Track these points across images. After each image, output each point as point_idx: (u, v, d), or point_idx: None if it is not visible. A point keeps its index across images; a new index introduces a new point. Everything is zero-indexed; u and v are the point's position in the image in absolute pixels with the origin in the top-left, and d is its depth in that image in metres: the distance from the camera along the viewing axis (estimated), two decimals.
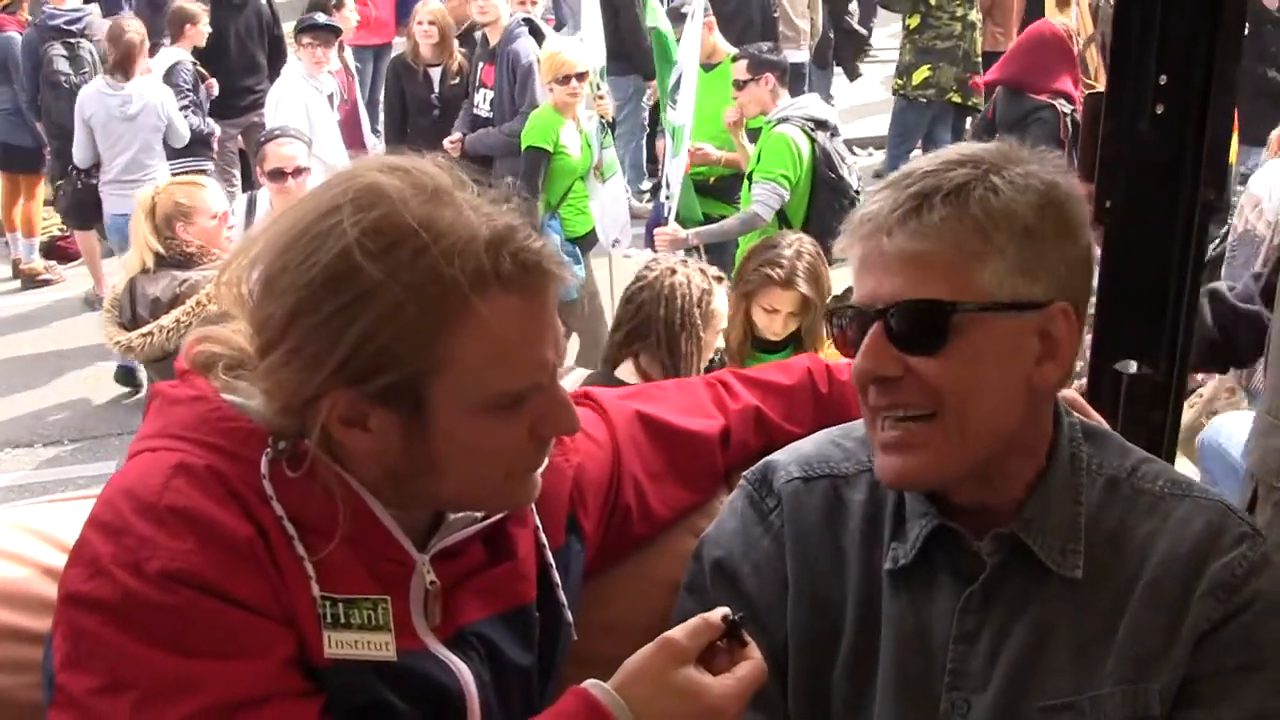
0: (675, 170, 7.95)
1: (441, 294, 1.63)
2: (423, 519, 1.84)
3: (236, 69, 10.64)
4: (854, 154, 13.15)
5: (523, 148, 8.02)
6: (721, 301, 4.88)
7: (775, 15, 10.77)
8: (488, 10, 9.15)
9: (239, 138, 10.93)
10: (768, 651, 1.79)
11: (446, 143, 9.03)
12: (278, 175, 6.87)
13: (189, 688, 1.60)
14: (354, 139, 9.87)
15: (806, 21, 11.80)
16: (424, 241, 1.62)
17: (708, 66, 8.62)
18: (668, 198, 7.96)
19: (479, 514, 1.87)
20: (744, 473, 2.08)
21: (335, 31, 9.21)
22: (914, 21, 11.14)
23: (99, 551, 1.64)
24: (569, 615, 1.96)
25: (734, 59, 8.19)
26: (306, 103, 8.74)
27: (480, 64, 9.33)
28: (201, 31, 10.22)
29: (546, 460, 1.84)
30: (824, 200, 7.61)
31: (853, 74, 13.25)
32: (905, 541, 1.91)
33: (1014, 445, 1.85)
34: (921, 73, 11.16)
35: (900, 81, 11.44)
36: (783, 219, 7.51)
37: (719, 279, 4.95)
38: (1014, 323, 1.77)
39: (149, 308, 5.75)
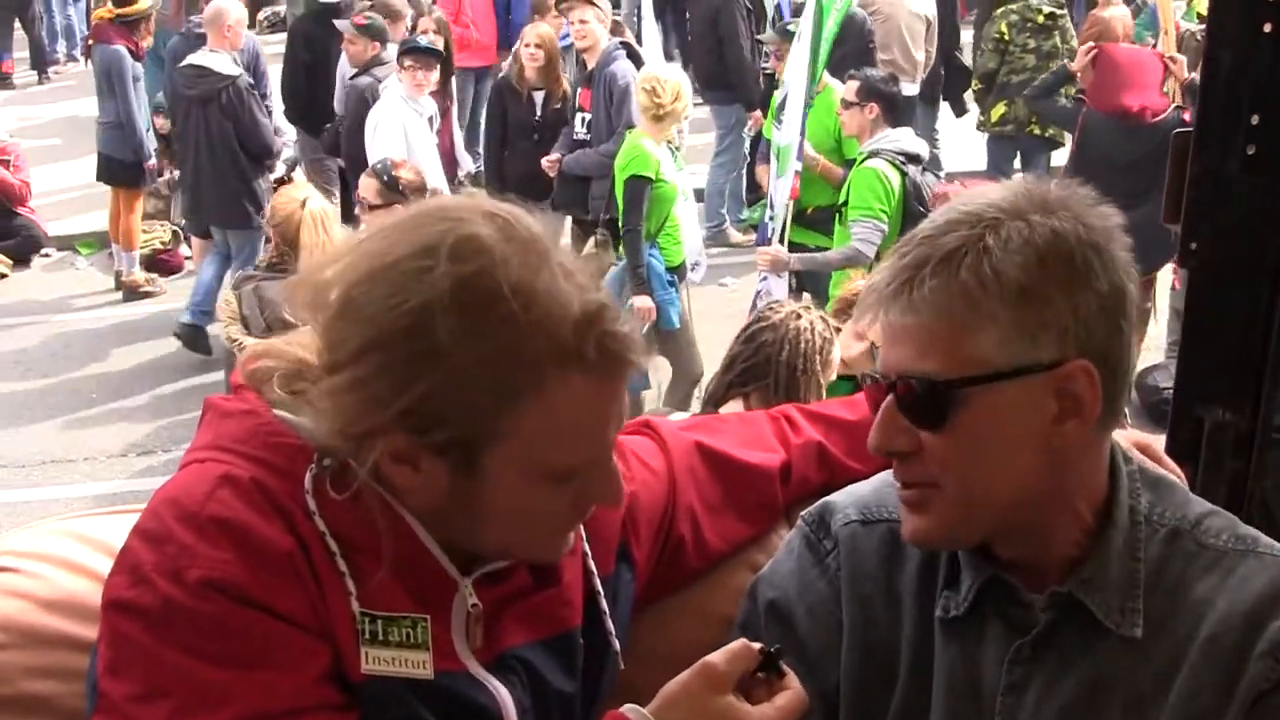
0: (780, 191, 7.92)
1: (518, 368, 1.61)
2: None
3: (335, 88, 10.66)
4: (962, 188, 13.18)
5: (623, 178, 8.01)
6: (838, 352, 4.86)
7: (872, 45, 10.67)
8: (586, 35, 9.21)
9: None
10: (819, 695, 1.76)
11: (545, 162, 9.09)
12: (364, 206, 6.93)
13: (225, 698, 1.60)
14: (448, 160, 9.90)
15: (923, 54, 11.70)
16: (513, 310, 1.60)
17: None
18: (772, 219, 7.94)
19: None
20: (802, 513, 2.04)
21: (436, 55, 9.27)
22: (993, 62, 11.04)
23: (141, 559, 1.65)
24: (616, 644, 1.94)
25: (847, 78, 8.14)
26: (406, 124, 8.78)
27: (578, 88, 9.40)
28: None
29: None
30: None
31: (960, 110, 13.11)
32: (959, 591, 1.86)
33: (1045, 504, 1.79)
34: (999, 109, 11.04)
35: (983, 119, 11.35)
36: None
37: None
38: (1021, 388, 1.71)
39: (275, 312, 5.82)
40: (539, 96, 9.58)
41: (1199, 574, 1.80)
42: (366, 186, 6.82)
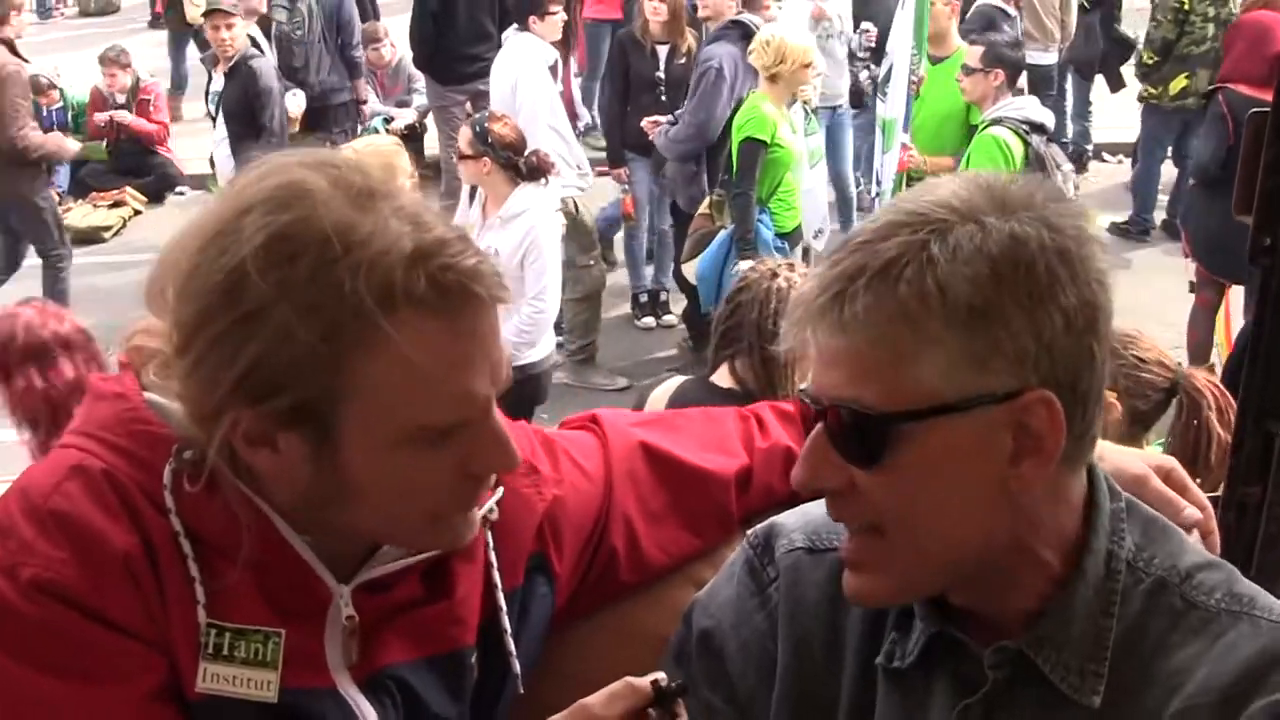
0: (887, 166, 7.64)
1: (342, 313, 1.44)
2: (354, 547, 1.65)
3: (465, 36, 10.57)
4: (1103, 161, 12.73)
5: (737, 140, 7.77)
6: None
7: (1009, 11, 10.26)
8: (708, 5, 8.99)
9: (467, 105, 10.91)
10: None
11: (645, 123, 8.84)
12: (458, 153, 6.76)
13: (45, 708, 1.49)
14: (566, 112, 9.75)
15: (1056, 23, 11.25)
16: (332, 253, 1.44)
17: (937, 59, 8.25)
18: (877, 195, 7.63)
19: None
20: (749, 531, 1.80)
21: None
22: (1171, 32, 10.48)
23: None
24: (516, 666, 1.75)
25: (970, 42, 7.81)
26: (520, 73, 8.62)
27: None
28: None
29: (499, 496, 1.68)
30: None
31: (1116, 85, 12.59)
32: (909, 638, 1.61)
33: (1002, 554, 1.52)
34: (1179, 81, 10.50)
35: (1155, 91, 10.79)
36: None
37: None
38: (971, 423, 1.43)
39: None
40: (663, 51, 9.32)
41: (1182, 638, 1.52)
42: (462, 135, 6.67)
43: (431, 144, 11.94)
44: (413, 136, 12.09)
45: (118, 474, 1.54)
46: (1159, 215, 11.11)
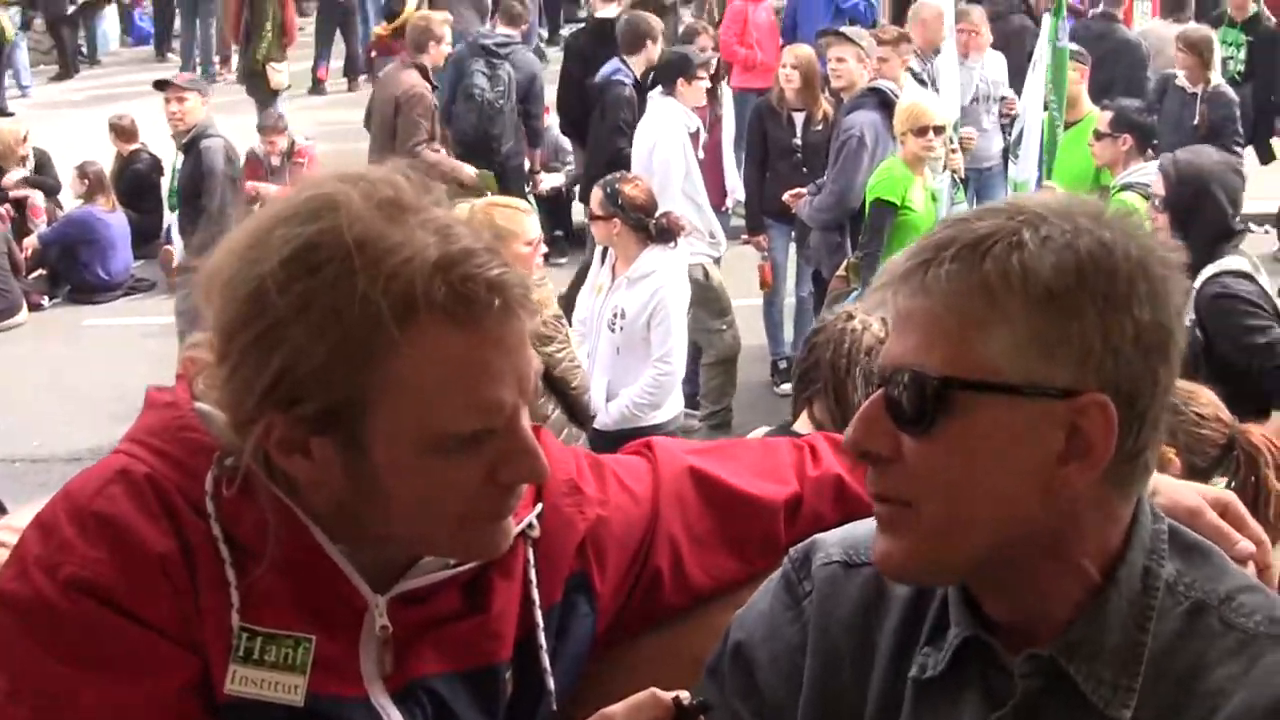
0: None
1: (364, 321, 1.49)
2: (392, 558, 1.68)
3: None
4: (1250, 231, 12.41)
5: (868, 200, 7.79)
6: None
7: (1146, 75, 10.12)
8: (841, 75, 9.02)
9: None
10: None
11: (787, 196, 8.87)
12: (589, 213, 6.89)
13: (77, 701, 1.53)
14: (715, 180, 9.81)
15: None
16: (355, 263, 1.49)
17: (1069, 123, 8.17)
18: None
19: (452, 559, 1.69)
20: (791, 549, 1.80)
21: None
22: None
23: (29, 551, 1.60)
24: (551, 683, 1.75)
25: (1102, 107, 7.74)
26: (658, 139, 8.75)
27: None
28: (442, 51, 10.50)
29: (539, 512, 1.70)
30: None
31: (1267, 157, 12.30)
32: (940, 648, 1.60)
33: (1037, 553, 1.51)
34: None
35: None
36: None
37: None
38: (1026, 410, 1.45)
39: None
40: (799, 118, 9.36)
41: (1220, 658, 1.49)
42: (594, 196, 6.77)
43: (579, 212, 12.10)
44: (559, 201, 12.28)
45: (161, 478, 1.59)
46: None
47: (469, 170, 10.61)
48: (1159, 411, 1.50)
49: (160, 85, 10.03)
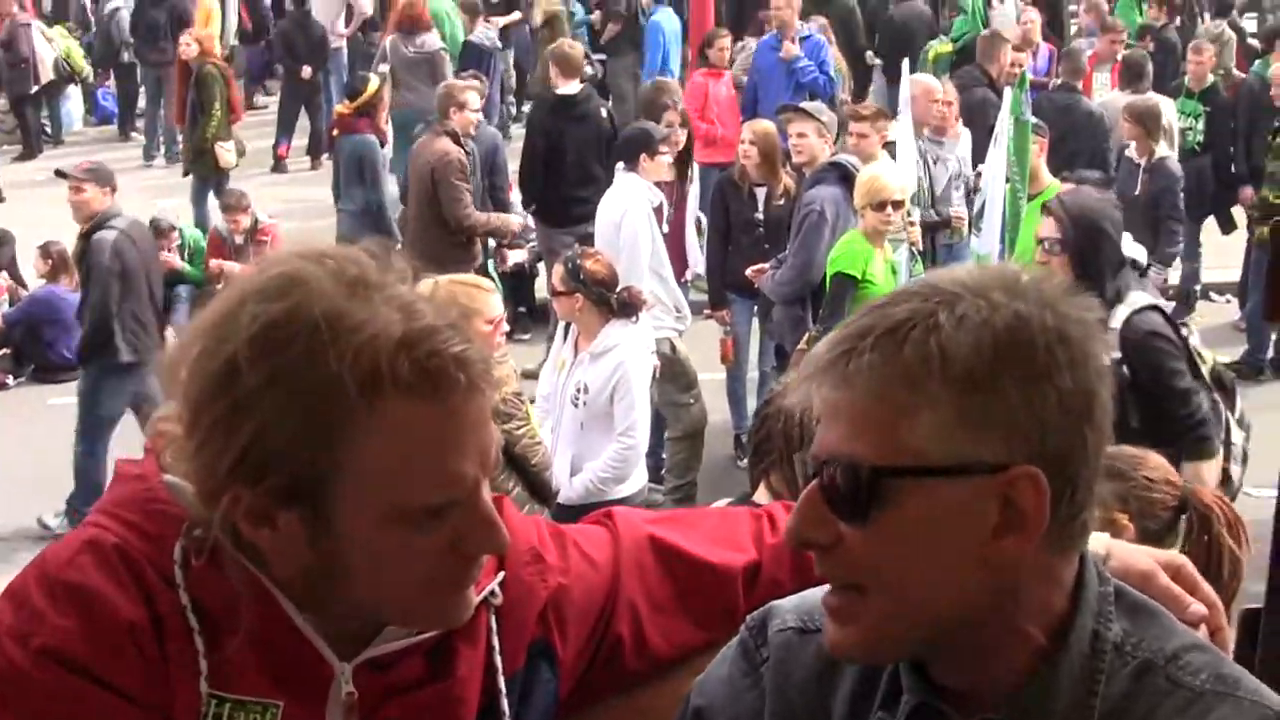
0: None
1: (329, 398, 1.53)
2: (358, 626, 1.71)
3: (573, 179, 10.82)
4: (1211, 300, 12.59)
5: (830, 273, 7.85)
6: None
7: (1107, 146, 10.26)
8: (802, 150, 9.06)
9: (576, 247, 11.09)
10: None
11: (749, 272, 8.94)
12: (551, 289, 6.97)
13: None
14: (678, 254, 9.87)
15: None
16: (321, 340, 1.53)
17: (1030, 196, 8.26)
18: None
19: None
20: (748, 615, 1.83)
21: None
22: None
23: (1, 621, 1.62)
24: None
25: (1062, 179, 7.80)
26: (624, 213, 8.77)
27: None
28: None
29: (501, 580, 1.73)
30: None
31: (1228, 227, 12.48)
32: (894, 714, 1.63)
33: (984, 625, 1.55)
34: None
35: (1264, 230, 10.70)
36: None
37: None
38: (958, 489, 1.48)
39: None
40: (761, 193, 9.45)
41: (1167, 717, 1.53)
42: (556, 271, 6.83)
43: (541, 288, 12.14)
44: (522, 277, 12.33)
45: (130, 549, 1.62)
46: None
47: (515, 220, 10.86)
48: (1091, 473, 1.54)
49: (60, 174, 9.90)
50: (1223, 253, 12.32)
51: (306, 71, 17.85)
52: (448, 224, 10.34)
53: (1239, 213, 12.00)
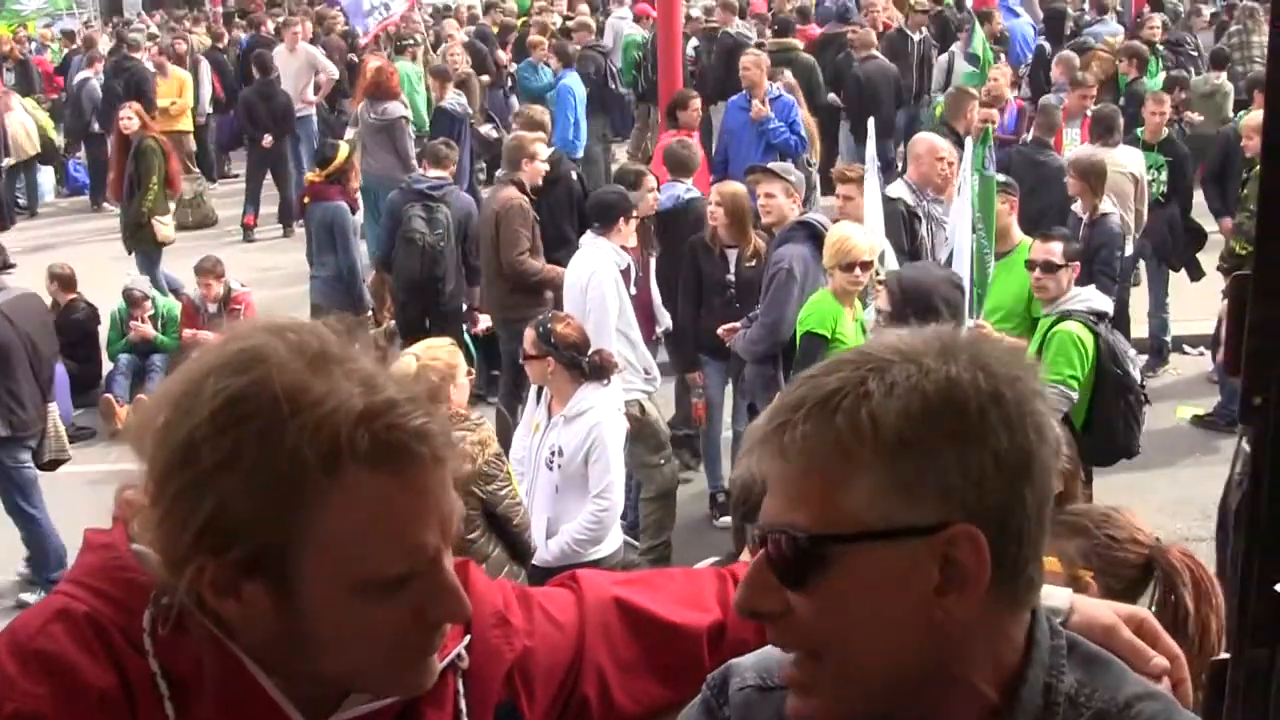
0: None
1: (290, 471, 1.56)
2: (326, 691, 1.73)
3: (546, 242, 10.78)
4: (1184, 353, 12.63)
5: (799, 333, 7.88)
6: None
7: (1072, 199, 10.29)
8: (770, 210, 9.10)
9: (547, 311, 11.09)
10: None
11: (721, 330, 8.97)
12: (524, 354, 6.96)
13: None
14: (645, 315, 9.90)
15: (1132, 213, 11.27)
16: (281, 414, 1.55)
17: (1000, 254, 8.31)
18: None
19: None
20: (709, 674, 1.84)
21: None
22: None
23: None
24: None
25: (1041, 237, 7.79)
26: (591, 277, 8.82)
27: None
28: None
29: (467, 643, 1.75)
30: (1108, 397, 7.26)
31: (1197, 274, 12.54)
32: None
33: (934, 684, 1.57)
34: None
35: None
36: (1065, 418, 7.07)
37: None
38: (897, 552, 1.51)
39: None
40: (732, 254, 9.49)
41: None
42: (527, 336, 6.84)
43: None
44: (494, 340, 12.32)
45: (100, 617, 1.64)
46: None
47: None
48: (1035, 528, 1.56)
49: None
50: (1195, 305, 12.38)
51: (267, 140, 17.84)
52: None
53: (1206, 259, 12.06)
